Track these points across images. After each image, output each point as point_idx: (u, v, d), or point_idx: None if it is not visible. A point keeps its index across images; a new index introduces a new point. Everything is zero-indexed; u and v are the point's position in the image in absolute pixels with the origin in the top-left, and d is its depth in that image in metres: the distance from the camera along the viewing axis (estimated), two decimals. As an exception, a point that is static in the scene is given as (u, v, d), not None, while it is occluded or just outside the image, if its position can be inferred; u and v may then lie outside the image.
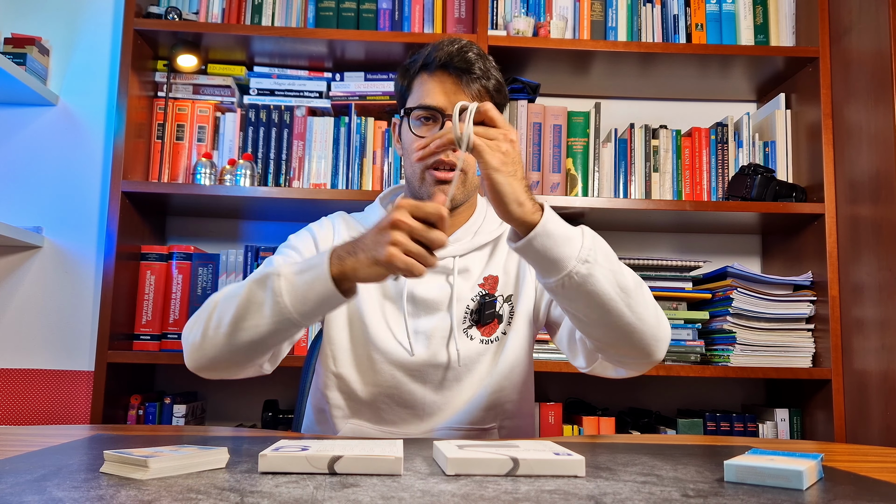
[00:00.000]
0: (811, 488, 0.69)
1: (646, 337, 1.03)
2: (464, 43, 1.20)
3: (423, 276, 0.92)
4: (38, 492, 0.61)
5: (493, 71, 1.21)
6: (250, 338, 1.02)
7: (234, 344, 1.03)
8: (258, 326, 1.00)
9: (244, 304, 1.01)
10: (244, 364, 1.09)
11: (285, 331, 1.02)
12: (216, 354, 1.05)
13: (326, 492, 0.63)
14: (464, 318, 1.23)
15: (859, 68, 1.92)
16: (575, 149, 2.10)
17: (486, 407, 1.21)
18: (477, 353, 1.22)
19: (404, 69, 1.25)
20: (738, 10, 2.17)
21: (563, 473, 0.73)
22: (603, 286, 0.98)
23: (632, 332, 1.02)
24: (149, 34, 2.03)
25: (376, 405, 1.22)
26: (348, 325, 1.23)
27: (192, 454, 0.72)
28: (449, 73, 1.18)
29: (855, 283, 1.91)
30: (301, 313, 0.98)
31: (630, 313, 1.01)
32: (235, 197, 1.96)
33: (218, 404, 2.19)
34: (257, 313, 1.00)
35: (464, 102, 0.99)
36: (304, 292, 0.97)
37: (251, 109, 2.09)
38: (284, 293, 0.98)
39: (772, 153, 2.14)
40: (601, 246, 1.00)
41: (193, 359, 1.08)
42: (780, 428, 2.02)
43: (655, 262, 2.03)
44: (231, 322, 1.02)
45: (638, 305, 1.01)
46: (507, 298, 1.25)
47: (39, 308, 2.16)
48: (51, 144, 2.21)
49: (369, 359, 1.21)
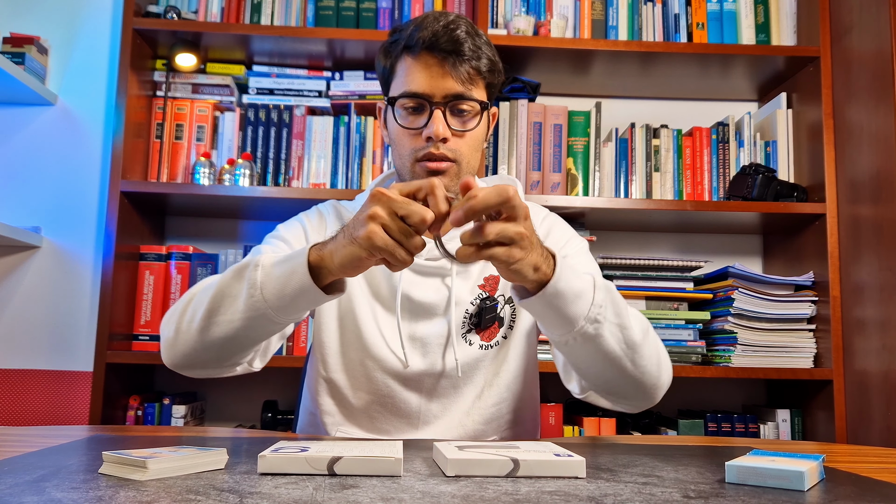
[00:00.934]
0: (812, 489, 0.69)
1: (645, 387, 1.01)
2: (451, 18, 1.08)
3: (406, 265, 0.84)
4: (36, 492, 0.60)
5: (486, 48, 1.10)
6: (223, 333, 0.95)
7: (206, 340, 0.96)
8: (231, 322, 0.93)
9: (218, 296, 0.94)
10: (222, 362, 1.01)
11: (261, 327, 0.94)
12: (189, 351, 0.98)
13: (326, 493, 0.63)
14: (462, 322, 1.14)
15: (860, 68, 1.92)
16: (575, 148, 2.10)
17: (485, 420, 1.15)
18: (475, 359, 1.14)
19: (385, 49, 1.13)
20: (739, 10, 2.17)
21: (564, 474, 0.73)
22: (609, 345, 0.94)
23: (632, 384, 1.00)
24: (148, 33, 2.03)
25: (369, 413, 1.15)
26: (339, 328, 1.15)
27: (191, 455, 0.72)
28: (434, 56, 1.06)
29: (856, 283, 1.91)
30: (277, 308, 0.91)
31: (633, 368, 0.98)
32: (234, 197, 1.95)
33: (217, 405, 2.19)
34: (231, 307, 0.93)
35: (438, 232, 0.85)
36: (281, 285, 0.89)
37: (250, 109, 2.09)
38: (260, 286, 0.90)
39: (773, 153, 2.14)
40: (611, 299, 0.95)
41: (168, 356, 1.01)
42: (781, 429, 2.01)
43: (656, 262, 2.02)
44: (203, 316, 0.95)
45: (642, 359, 0.98)
46: (509, 300, 1.17)
47: (38, 308, 2.16)
48: (49, 144, 2.21)
49: (362, 365, 1.14)
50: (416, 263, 1.13)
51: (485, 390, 1.15)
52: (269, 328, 0.95)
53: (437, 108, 1.07)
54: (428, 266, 1.15)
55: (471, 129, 1.10)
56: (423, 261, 1.14)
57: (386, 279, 1.15)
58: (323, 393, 1.16)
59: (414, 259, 0.86)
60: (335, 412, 1.16)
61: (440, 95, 1.08)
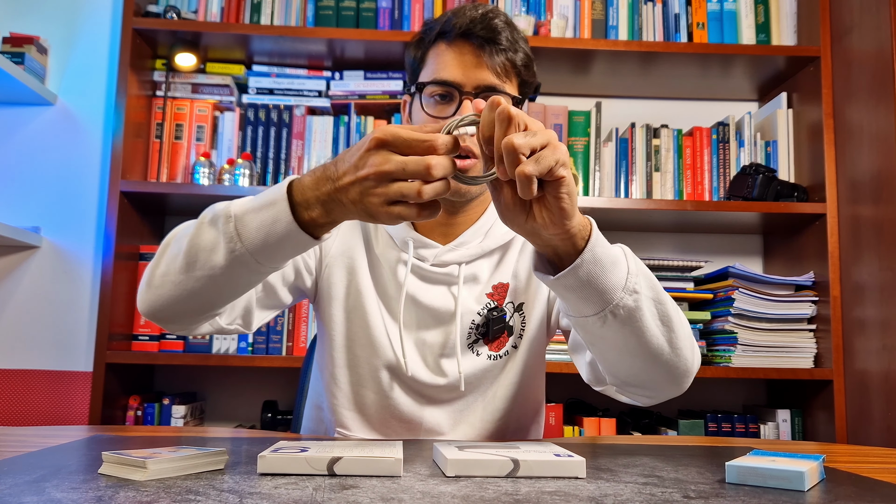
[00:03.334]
0: (813, 489, 0.69)
1: (678, 374, 0.89)
2: (489, 8, 1.04)
3: (422, 197, 0.73)
4: (36, 493, 0.60)
5: (522, 43, 1.05)
6: (202, 286, 0.87)
7: (183, 292, 0.89)
8: (212, 274, 0.86)
9: (192, 249, 0.86)
10: (197, 315, 0.94)
11: (243, 276, 0.87)
12: (165, 302, 0.91)
13: (326, 493, 0.62)
14: (469, 332, 1.09)
15: (860, 68, 1.92)
16: (576, 148, 2.10)
17: (492, 435, 1.11)
18: (483, 370, 1.09)
19: (418, 39, 1.09)
20: (739, 10, 2.17)
21: (564, 475, 0.73)
22: (647, 322, 0.83)
23: (665, 371, 0.88)
24: (147, 33, 2.03)
25: (373, 415, 1.11)
26: (346, 321, 1.11)
27: (190, 455, 0.71)
28: (470, 43, 1.02)
29: (856, 283, 1.91)
30: (260, 255, 0.83)
31: (670, 350, 0.86)
32: (234, 197, 1.95)
33: (217, 405, 2.19)
34: (209, 259, 0.85)
35: (460, 118, 0.77)
36: (264, 234, 0.81)
37: (250, 109, 2.09)
38: (239, 236, 0.82)
39: (773, 153, 2.14)
40: (642, 268, 0.85)
41: (143, 305, 0.93)
42: (781, 429, 2.01)
43: (657, 262, 2.02)
44: (181, 268, 0.87)
45: (678, 340, 0.87)
46: (518, 307, 1.11)
47: (38, 308, 2.16)
48: (49, 144, 2.20)
49: (368, 363, 1.10)
50: (423, 269, 1.09)
51: (491, 401, 1.11)
52: (253, 278, 0.88)
53: (466, 97, 1.02)
54: (435, 273, 1.10)
55: None
56: (429, 266, 1.10)
57: (393, 281, 1.11)
58: (330, 388, 1.13)
59: (438, 193, 0.74)
60: (339, 409, 1.12)
61: (471, 85, 1.02)
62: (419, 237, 1.10)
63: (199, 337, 1.97)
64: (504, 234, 1.12)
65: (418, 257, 1.10)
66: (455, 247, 1.10)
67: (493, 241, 1.11)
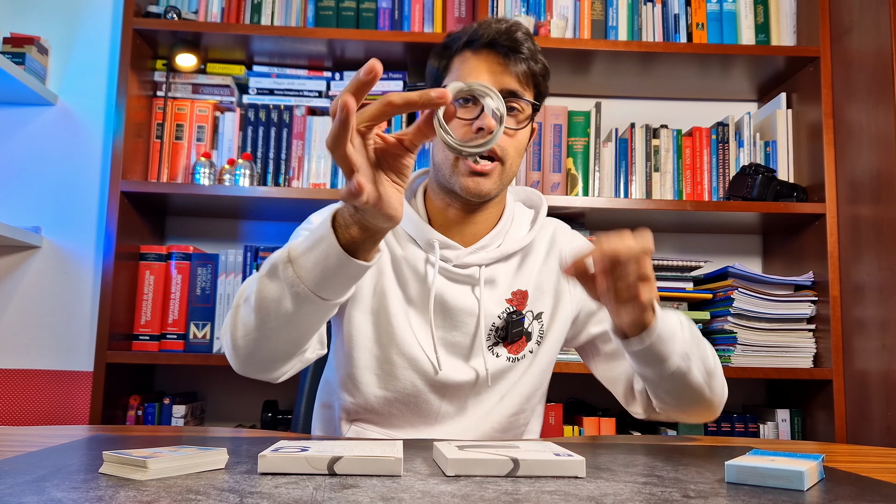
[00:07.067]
0: (812, 489, 0.69)
1: (713, 408, 1.10)
2: (512, 22, 1.12)
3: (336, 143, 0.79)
4: (37, 492, 0.60)
5: (540, 56, 1.13)
6: (281, 336, 0.95)
7: (269, 344, 0.96)
8: (288, 320, 0.92)
9: (262, 304, 0.92)
10: (285, 358, 1.00)
11: (314, 314, 0.92)
12: (254, 359, 0.99)
13: (326, 493, 0.63)
14: (489, 334, 1.15)
15: (860, 68, 1.92)
16: (575, 148, 2.10)
17: (502, 428, 1.17)
18: (501, 370, 1.15)
19: (442, 49, 1.15)
20: (738, 10, 2.17)
21: (564, 474, 0.73)
22: (696, 378, 1.02)
23: (705, 406, 1.09)
24: (148, 33, 2.03)
25: (389, 411, 1.15)
26: (373, 324, 1.14)
27: (191, 455, 0.72)
28: (495, 52, 1.09)
29: (856, 283, 1.91)
30: (326, 294, 0.88)
31: (710, 393, 1.06)
32: (235, 197, 1.95)
33: (217, 405, 2.19)
34: (278, 309, 0.91)
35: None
36: (320, 272, 0.86)
37: (250, 109, 2.09)
38: (299, 279, 0.88)
39: (773, 153, 2.14)
40: (692, 331, 1.03)
41: (234, 363, 1.01)
42: (780, 428, 2.01)
43: (656, 262, 2.02)
44: (256, 325, 0.94)
45: (716, 384, 1.07)
46: (538, 316, 1.17)
47: (38, 308, 2.16)
48: (50, 144, 2.21)
49: (390, 363, 1.13)
50: (448, 269, 1.13)
51: (505, 398, 1.16)
52: (324, 313, 0.93)
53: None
54: (459, 274, 1.14)
55: (521, 128, 1.11)
56: (451, 266, 1.13)
57: (416, 281, 1.14)
58: (344, 387, 1.16)
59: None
60: (353, 408, 1.15)
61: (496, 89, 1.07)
62: (443, 238, 1.14)
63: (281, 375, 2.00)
64: (521, 238, 1.18)
65: (442, 258, 1.13)
66: (476, 249, 1.15)
67: (510, 246, 1.16)
